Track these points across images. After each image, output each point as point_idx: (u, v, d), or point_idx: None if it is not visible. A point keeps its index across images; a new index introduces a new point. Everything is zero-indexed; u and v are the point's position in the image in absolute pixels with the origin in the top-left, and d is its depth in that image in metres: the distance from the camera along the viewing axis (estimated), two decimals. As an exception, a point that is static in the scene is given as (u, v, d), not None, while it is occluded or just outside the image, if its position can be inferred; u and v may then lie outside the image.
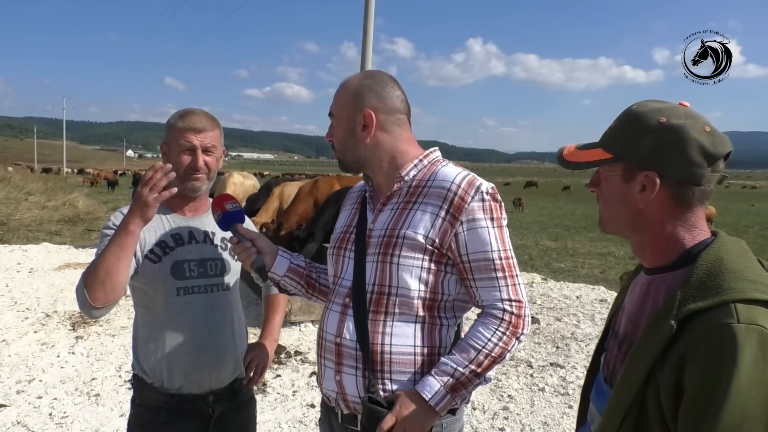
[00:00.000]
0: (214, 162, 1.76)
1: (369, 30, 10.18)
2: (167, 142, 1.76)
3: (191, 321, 1.73)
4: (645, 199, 1.01)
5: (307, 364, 4.68)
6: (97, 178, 41.34)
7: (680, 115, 0.99)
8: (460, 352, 1.39)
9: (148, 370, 1.74)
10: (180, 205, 1.80)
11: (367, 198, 1.56)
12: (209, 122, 1.74)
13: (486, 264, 1.39)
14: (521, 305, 1.41)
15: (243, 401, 1.88)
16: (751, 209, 31.67)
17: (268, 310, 2.06)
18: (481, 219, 1.39)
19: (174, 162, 1.70)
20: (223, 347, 1.78)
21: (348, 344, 1.45)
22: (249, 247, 1.59)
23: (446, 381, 1.37)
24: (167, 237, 1.74)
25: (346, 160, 1.53)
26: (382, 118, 1.47)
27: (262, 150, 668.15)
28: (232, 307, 1.85)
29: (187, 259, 1.75)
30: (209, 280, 1.78)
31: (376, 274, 1.43)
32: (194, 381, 1.74)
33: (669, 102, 1.04)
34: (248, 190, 9.43)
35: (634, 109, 1.03)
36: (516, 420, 3.76)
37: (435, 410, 1.37)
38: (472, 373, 1.37)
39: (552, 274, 9.43)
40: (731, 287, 0.88)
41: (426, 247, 1.40)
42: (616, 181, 1.05)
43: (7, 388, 3.99)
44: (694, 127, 0.97)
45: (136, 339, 1.81)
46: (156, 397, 1.73)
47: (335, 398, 1.49)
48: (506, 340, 1.38)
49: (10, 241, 10.68)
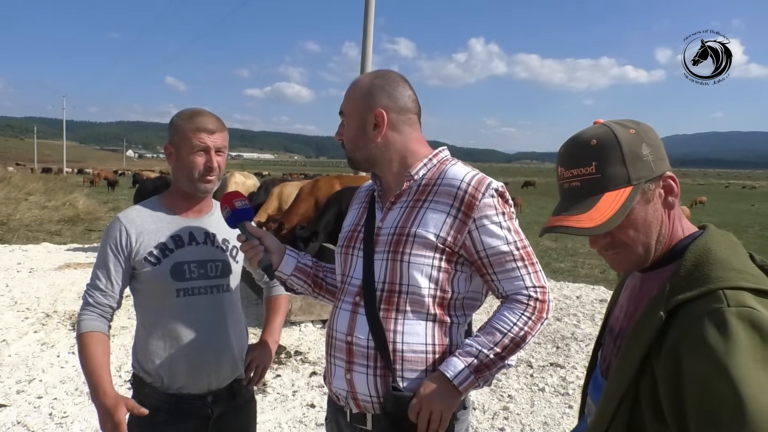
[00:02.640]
0: (223, 162, 1.78)
1: (369, 30, 10.18)
2: (174, 143, 1.74)
3: (191, 322, 1.74)
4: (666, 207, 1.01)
5: (307, 364, 4.68)
6: (97, 178, 41.32)
7: (629, 122, 1.02)
8: (486, 335, 1.40)
9: (148, 370, 1.75)
10: (183, 207, 1.81)
11: (375, 197, 1.57)
12: (219, 123, 1.76)
13: (504, 256, 1.41)
14: (545, 290, 1.43)
15: (243, 401, 1.88)
16: (751, 209, 31.66)
17: (269, 311, 2.06)
18: (494, 215, 1.41)
19: (186, 163, 1.71)
20: (223, 348, 1.78)
21: (360, 342, 1.45)
22: (257, 245, 1.59)
23: (470, 362, 1.38)
24: (167, 239, 1.75)
25: (356, 158, 1.54)
26: (393, 117, 1.48)
27: (262, 150, 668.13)
28: (233, 308, 1.85)
29: (187, 261, 1.75)
30: (210, 282, 1.78)
31: (386, 272, 1.44)
32: (194, 381, 1.74)
33: (603, 122, 1.05)
34: (249, 190, 9.47)
35: (595, 137, 0.99)
36: (516, 420, 3.76)
37: (458, 390, 1.37)
38: (496, 355, 1.38)
39: (552, 274, 9.43)
40: (718, 276, 0.89)
41: (437, 245, 1.41)
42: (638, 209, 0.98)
43: (7, 388, 3.99)
44: (645, 129, 1.02)
45: (136, 339, 1.81)
46: (155, 397, 1.74)
47: (345, 397, 1.49)
48: (531, 325, 1.40)
49: (10, 241, 10.69)
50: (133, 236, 1.72)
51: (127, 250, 1.72)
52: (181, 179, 1.76)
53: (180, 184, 1.78)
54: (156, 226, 1.75)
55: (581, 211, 0.96)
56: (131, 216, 1.76)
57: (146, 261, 1.71)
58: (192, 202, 1.81)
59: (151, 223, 1.75)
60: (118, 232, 1.72)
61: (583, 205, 0.97)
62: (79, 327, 1.71)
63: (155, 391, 1.74)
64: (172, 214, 1.79)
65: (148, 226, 1.75)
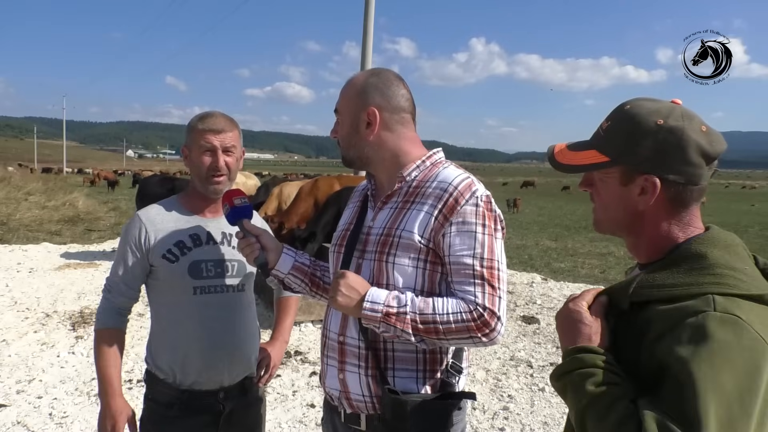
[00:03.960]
0: (234, 162, 1.79)
1: (369, 29, 10.18)
2: (188, 145, 1.80)
3: (207, 320, 1.77)
4: (645, 202, 1.00)
5: (307, 364, 4.68)
6: (97, 178, 41.33)
7: (677, 116, 0.98)
8: (422, 302, 1.35)
9: (162, 365, 1.79)
10: (200, 206, 1.84)
11: (368, 196, 1.57)
12: (228, 123, 1.78)
13: (465, 268, 1.35)
14: (494, 315, 1.32)
15: (253, 399, 1.93)
16: (751, 209, 31.66)
17: (279, 311, 2.10)
18: (472, 223, 1.37)
19: (196, 163, 1.76)
20: (236, 346, 1.82)
21: (351, 342, 1.45)
22: (253, 242, 1.59)
23: (391, 306, 1.34)
24: (185, 237, 1.79)
25: (349, 156, 1.54)
26: (386, 116, 1.48)
27: (262, 150, 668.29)
28: (247, 307, 1.89)
29: (205, 260, 1.79)
30: (226, 281, 1.81)
31: (373, 272, 1.43)
32: (207, 378, 1.78)
33: (662, 101, 1.03)
34: (250, 190, 9.48)
35: (628, 109, 1.02)
36: (516, 420, 3.76)
37: (360, 310, 1.35)
38: (412, 322, 1.33)
39: (552, 274, 9.43)
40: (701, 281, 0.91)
41: (421, 247, 1.39)
42: (612, 184, 1.04)
43: (7, 388, 3.99)
44: (692, 128, 0.97)
45: (151, 335, 1.86)
46: (168, 393, 1.78)
47: (338, 397, 1.49)
48: (459, 328, 1.31)
49: (10, 241, 10.68)
50: (152, 234, 1.76)
51: (146, 247, 1.76)
52: (195, 180, 1.81)
53: (195, 185, 1.83)
54: (175, 224, 1.79)
55: (572, 149, 1.07)
56: (151, 214, 1.80)
57: (164, 258, 1.75)
58: (208, 202, 1.84)
59: (170, 222, 1.79)
60: (138, 230, 1.77)
61: (580, 146, 1.07)
62: (98, 322, 1.78)
63: (168, 387, 1.78)
64: (191, 213, 1.83)
65: (167, 224, 1.79)
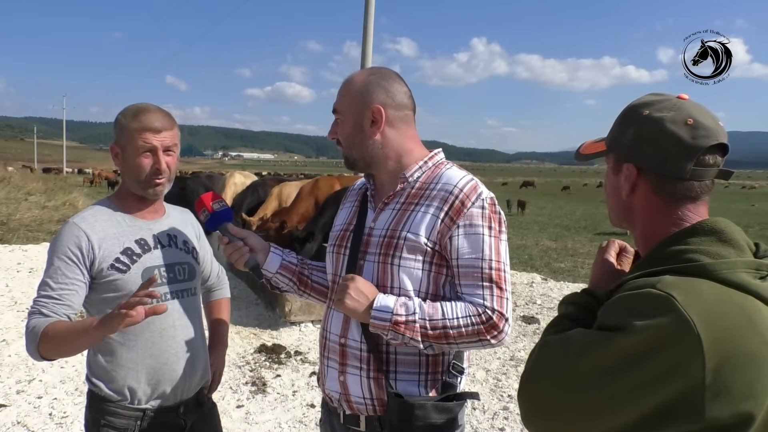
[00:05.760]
0: (174, 162, 1.65)
1: (369, 29, 10.17)
2: (120, 143, 1.61)
3: (165, 329, 1.64)
4: (627, 191, 1.02)
5: (307, 364, 4.68)
6: (97, 178, 41.35)
7: (663, 107, 0.98)
8: (430, 307, 1.36)
9: (114, 387, 1.61)
10: (139, 208, 1.69)
11: (368, 196, 1.55)
12: (167, 120, 1.61)
13: (474, 271, 1.37)
14: (502, 317, 1.35)
15: (208, 410, 1.84)
16: (751, 209, 31.65)
17: (213, 315, 2.00)
18: (479, 226, 1.38)
19: (132, 165, 1.60)
20: (195, 354, 1.72)
21: (353, 344, 1.44)
22: (241, 246, 1.56)
23: (400, 314, 1.34)
24: (132, 243, 1.63)
25: (352, 156, 1.50)
26: (391, 113, 1.46)
27: (262, 150, 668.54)
28: (199, 312, 1.78)
29: (156, 265, 1.65)
30: (178, 286, 1.70)
31: (377, 274, 1.42)
32: (167, 393, 1.65)
33: (667, 95, 1.02)
34: (249, 190, 9.45)
35: (631, 102, 1.06)
36: (516, 420, 3.76)
37: (368, 317, 1.35)
38: (422, 329, 1.34)
39: (552, 274, 9.43)
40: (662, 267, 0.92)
41: (427, 249, 1.38)
42: (609, 173, 1.08)
43: (7, 388, 3.99)
44: (674, 119, 0.95)
45: (96, 354, 1.63)
46: (124, 415, 1.61)
47: (338, 399, 1.48)
48: (470, 332, 1.33)
49: (10, 241, 10.67)
50: (95, 242, 1.57)
51: (89, 258, 1.56)
52: (130, 181, 1.65)
53: (129, 186, 1.66)
54: (117, 230, 1.62)
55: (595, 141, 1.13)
56: (89, 220, 1.61)
57: (113, 268, 1.58)
58: (147, 203, 1.70)
59: (112, 227, 1.62)
60: (76, 238, 1.56)
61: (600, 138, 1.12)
62: (32, 333, 1.46)
63: (124, 409, 1.61)
64: (130, 215, 1.68)
65: (110, 230, 1.61)
